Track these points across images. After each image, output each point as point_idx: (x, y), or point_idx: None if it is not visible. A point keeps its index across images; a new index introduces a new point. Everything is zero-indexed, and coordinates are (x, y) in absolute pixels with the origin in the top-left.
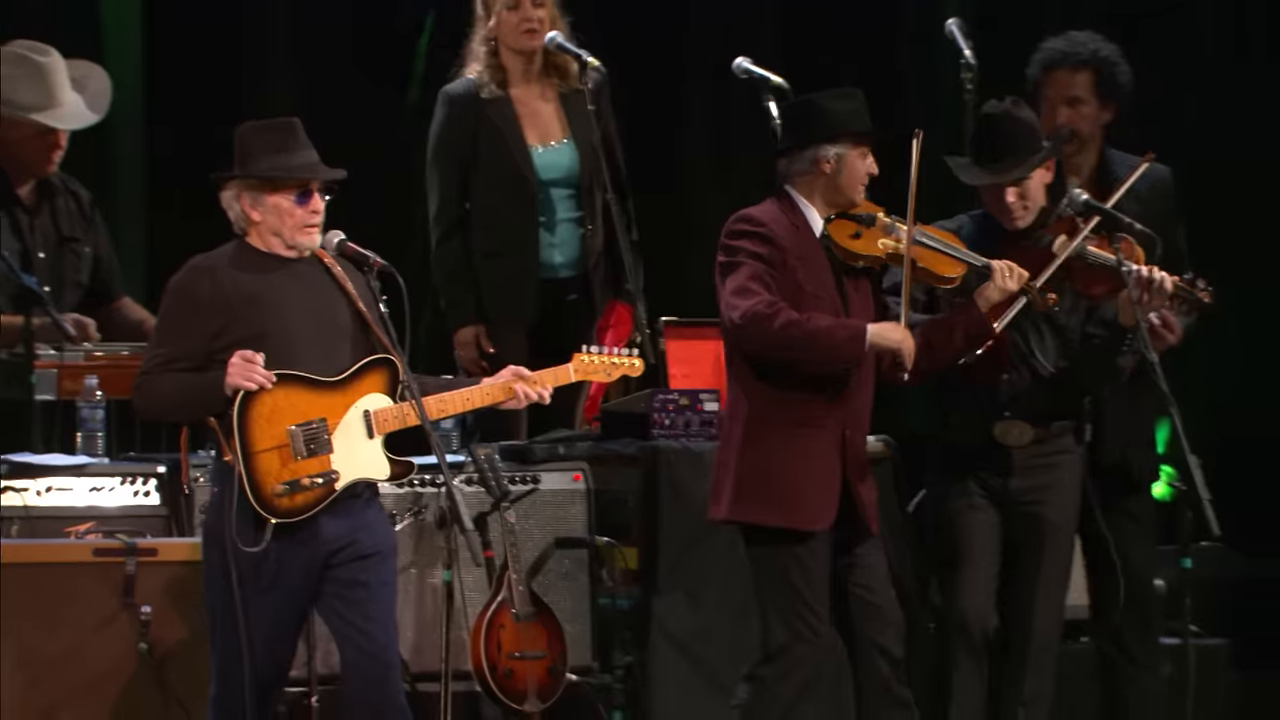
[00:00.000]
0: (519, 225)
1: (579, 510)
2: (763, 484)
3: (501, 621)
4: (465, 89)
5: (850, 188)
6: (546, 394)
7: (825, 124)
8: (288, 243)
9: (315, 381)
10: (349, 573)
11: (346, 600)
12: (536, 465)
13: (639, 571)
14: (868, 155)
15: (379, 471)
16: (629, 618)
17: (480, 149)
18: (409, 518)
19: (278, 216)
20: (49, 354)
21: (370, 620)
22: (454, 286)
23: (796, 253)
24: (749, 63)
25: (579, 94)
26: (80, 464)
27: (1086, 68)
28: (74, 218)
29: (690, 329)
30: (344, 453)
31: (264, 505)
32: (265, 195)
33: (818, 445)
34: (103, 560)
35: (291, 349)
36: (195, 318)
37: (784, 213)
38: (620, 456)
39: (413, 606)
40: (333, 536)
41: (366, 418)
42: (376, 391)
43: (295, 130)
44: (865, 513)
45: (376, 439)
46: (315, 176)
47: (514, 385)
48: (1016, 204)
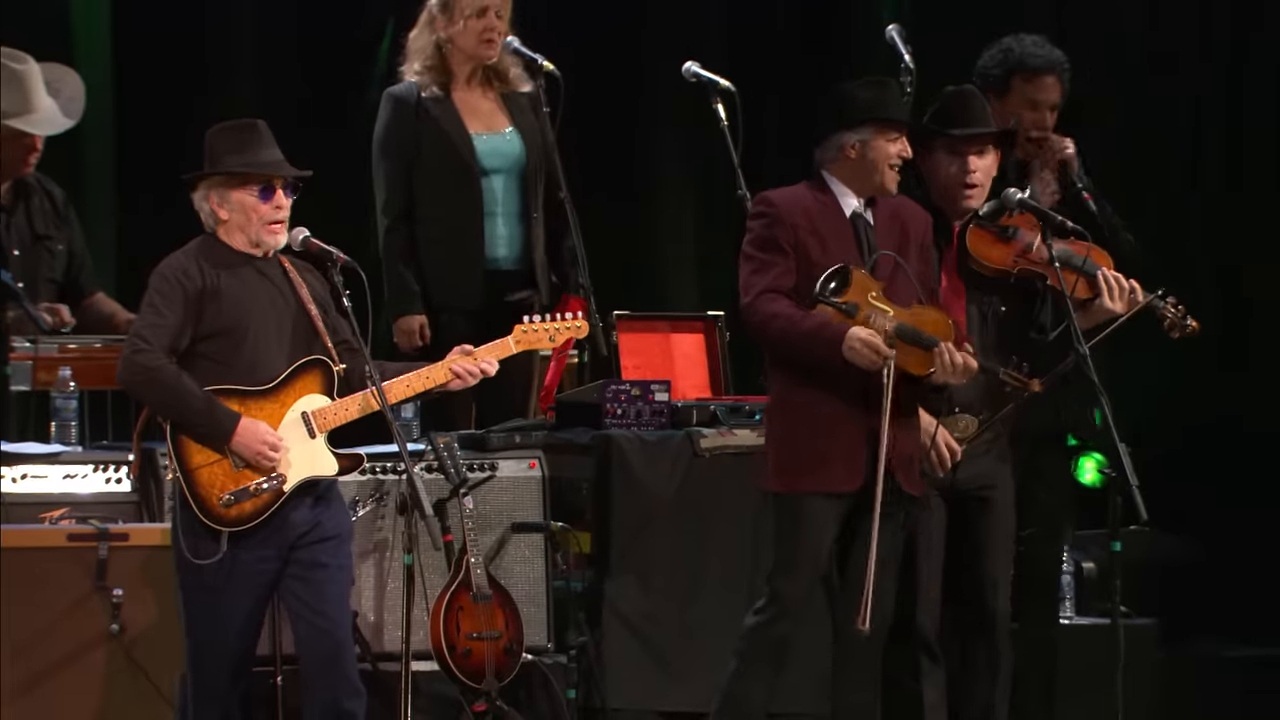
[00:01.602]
0: (462, 214)
1: (534, 496)
2: (780, 447)
3: (460, 603)
4: (407, 89)
5: (877, 172)
6: (491, 368)
7: (850, 111)
8: (253, 240)
9: (247, 392)
10: (310, 554)
11: (306, 581)
12: (494, 453)
13: (592, 555)
14: (896, 140)
15: (326, 468)
16: (582, 599)
17: (424, 143)
18: (371, 503)
19: (244, 213)
20: (24, 346)
21: (326, 601)
22: (398, 275)
23: (812, 228)
24: (698, 66)
25: (519, 96)
26: (54, 452)
27: (1061, 74)
28: (48, 216)
29: (641, 321)
30: (288, 455)
31: (212, 518)
32: (231, 192)
33: (836, 405)
34: (76, 545)
35: (259, 345)
36: (187, 296)
37: (810, 192)
38: (574, 445)
39: (374, 589)
40: (299, 521)
41: (305, 419)
42: (313, 392)
43: (258, 130)
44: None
45: (319, 438)
46: (276, 173)
47: (453, 366)
48: (977, 175)
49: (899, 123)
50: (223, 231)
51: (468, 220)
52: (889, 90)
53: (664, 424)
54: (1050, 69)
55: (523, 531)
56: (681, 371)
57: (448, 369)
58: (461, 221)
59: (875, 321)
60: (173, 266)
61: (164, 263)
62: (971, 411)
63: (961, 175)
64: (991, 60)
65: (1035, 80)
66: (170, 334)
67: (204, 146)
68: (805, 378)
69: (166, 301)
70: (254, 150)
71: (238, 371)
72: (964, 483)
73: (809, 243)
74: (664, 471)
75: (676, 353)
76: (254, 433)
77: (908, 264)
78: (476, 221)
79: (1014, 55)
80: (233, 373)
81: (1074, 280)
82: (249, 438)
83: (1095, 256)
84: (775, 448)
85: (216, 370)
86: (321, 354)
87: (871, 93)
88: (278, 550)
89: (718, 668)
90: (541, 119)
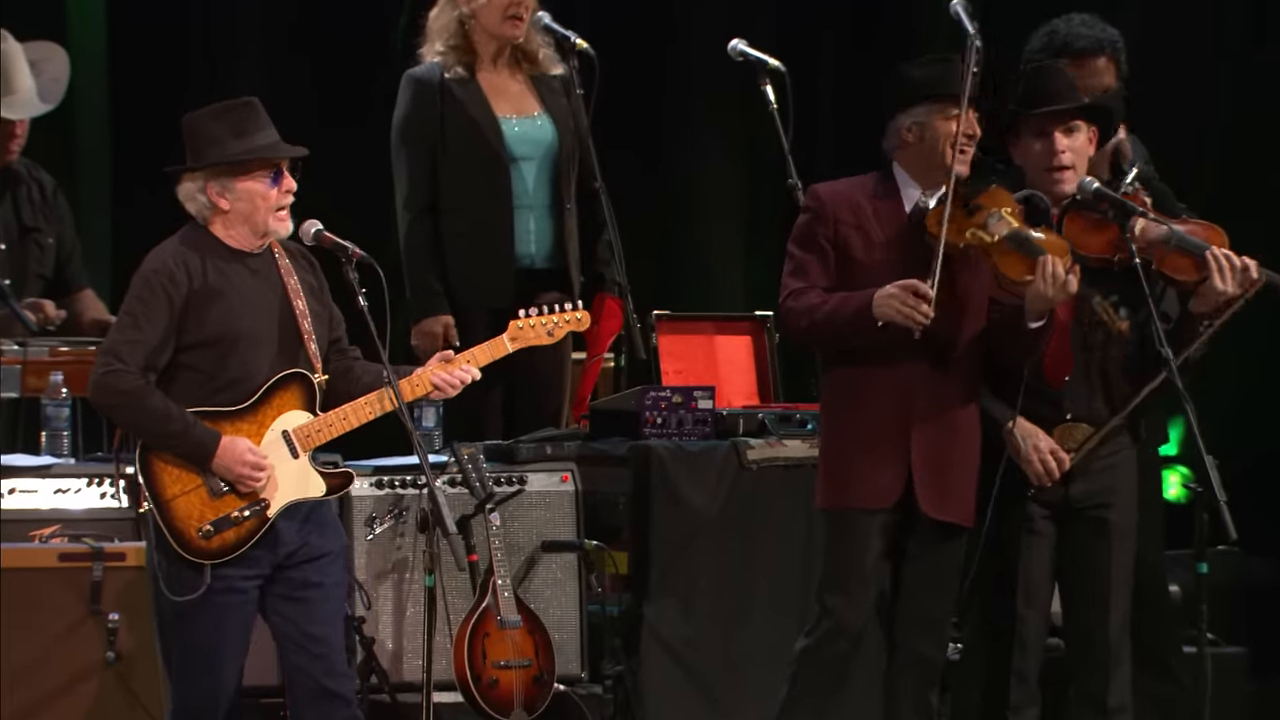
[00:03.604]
0: (491, 206)
1: (567, 512)
2: (828, 464)
3: (486, 629)
4: (429, 71)
5: (937, 154)
6: (468, 375)
7: (903, 91)
8: (260, 230)
9: (222, 412)
10: (301, 574)
11: (296, 601)
12: (522, 465)
13: (629, 576)
14: (956, 118)
15: (313, 489)
16: (619, 625)
17: (448, 129)
18: (389, 520)
19: (250, 202)
20: (12, 349)
21: (319, 623)
22: (422, 274)
23: (857, 223)
24: (744, 44)
25: (550, 79)
26: (45, 465)
27: (1113, 55)
28: (36, 207)
29: (683, 322)
30: (270, 478)
31: (192, 551)
32: (235, 181)
33: (878, 419)
34: (68, 565)
35: (247, 356)
36: (172, 306)
37: (868, 184)
38: (610, 456)
39: (393, 613)
40: (288, 540)
41: (287, 438)
42: (292, 409)
43: (256, 109)
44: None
45: (303, 457)
46: (286, 155)
47: (432, 376)
48: (1066, 156)
49: (957, 97)
50: (218, 224)
51: (496, 213)
52: (947, 66)
53: (708, 434)
54: (1099, 50)
55: (554, 551)
56: (727, 376)
57: (425, 379)
58: (490, 214)
59: (991, 224)
60: (158, 270)
61: (148, 261)
62: (1089, 420)
63: (1049, 158)
64: (1037, 43)
65: (1084, 63)
66: (147, 351)
67: (188, 134)
68: (849, 387)
69: (148, 312)
70: (256, 132)
71: (222, 384)
72: (1078, 499)
73: (851, 238)
74: (708, 485)
75: (721, 356)
76: (235, 452)
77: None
78: (506, 214)
79: (1059, 37)
80: (217, 385)
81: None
82: (230, 458)
83: (1206, 234)
84: (820, 460)
85: (200, 382)
86: (305, 365)
87: (927, 70)
88: (263, 570)
89: (767, 698)
90: (574, 103)
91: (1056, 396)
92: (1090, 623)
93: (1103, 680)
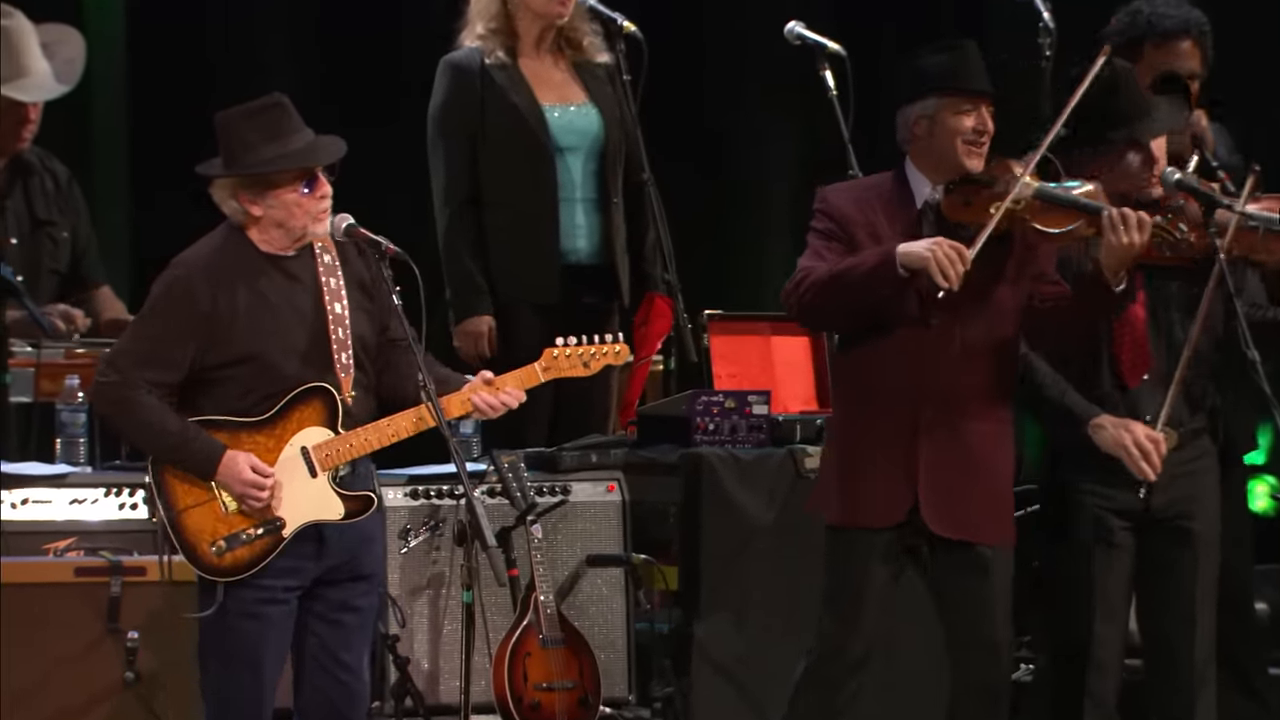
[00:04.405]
0: (536, 198)
1: (613, 524)
2: (828, 472)
3: (527, 648)
4: (469, 56)
5: (948, 151)
6: (513, 400)
7: (911, 82)
8: (295, 236)
9: (239, 424)
10: (341, 594)
11: (332, 624)
12: (566, 474)
13: (679, 592)
14: (970, 113)
15: (330, 511)
16: (668, 643)
17: (489, 117)
18: (424, 533)
19: (285, 210)
20: (25, 351)
21: (351, 650)
22: (464, 271)
23: (865, 221)
24: (802, 27)
25: (594, 66)
26: (60, 473)
27: (1199, 38)
28: (50, 198)
29: (736, 323)
30: (287, 497)
31: (204, 566)
32: (268, 191)
33: (882, 430)
34: (85, 580)
35: (282, 366)
36: (188, 327)
37: (881, 182)
38: (659, 465)
39: (428, 631)
40: (335, 552)
41: (305, 455)
42: (313, 425)
43: (286, 111)
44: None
45: (322, 476)
46: (318, 161)
47: (472, 397)
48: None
49: (968, 92)
50: (254, 229)
51: (541, 206)
52: (959, 54)
53: (762, 440)
54: (1184, 32)
55: (600, 565)
56: (783, 380)
57: (466, 400)
58: (534, 207)
59: (1014, 189)
60: (179, 281)
61: (174, 265)
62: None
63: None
64: (1119, 24)
65: (1168, 46)
66: (147, 363)
67: (220, 135)
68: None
69: (157, 324)
70: (287, 136)
71: (256, 397)
72: (1159, 508)
73: (861, 239)
74: (762, 495)
75: (777, 359)
76: (235, 468)
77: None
78: (551, 207)
79: (1143, 18)
80: (250, 399)
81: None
82: (230, 474)
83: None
84: (821, 470)
85: (235, 394)
86: (331, 379)
87: (938, 59)
88: (303, 582)
89: None
90: (620, 92)
91: (1132, 399)
92: (1173, 641)
93: (1186, 704)
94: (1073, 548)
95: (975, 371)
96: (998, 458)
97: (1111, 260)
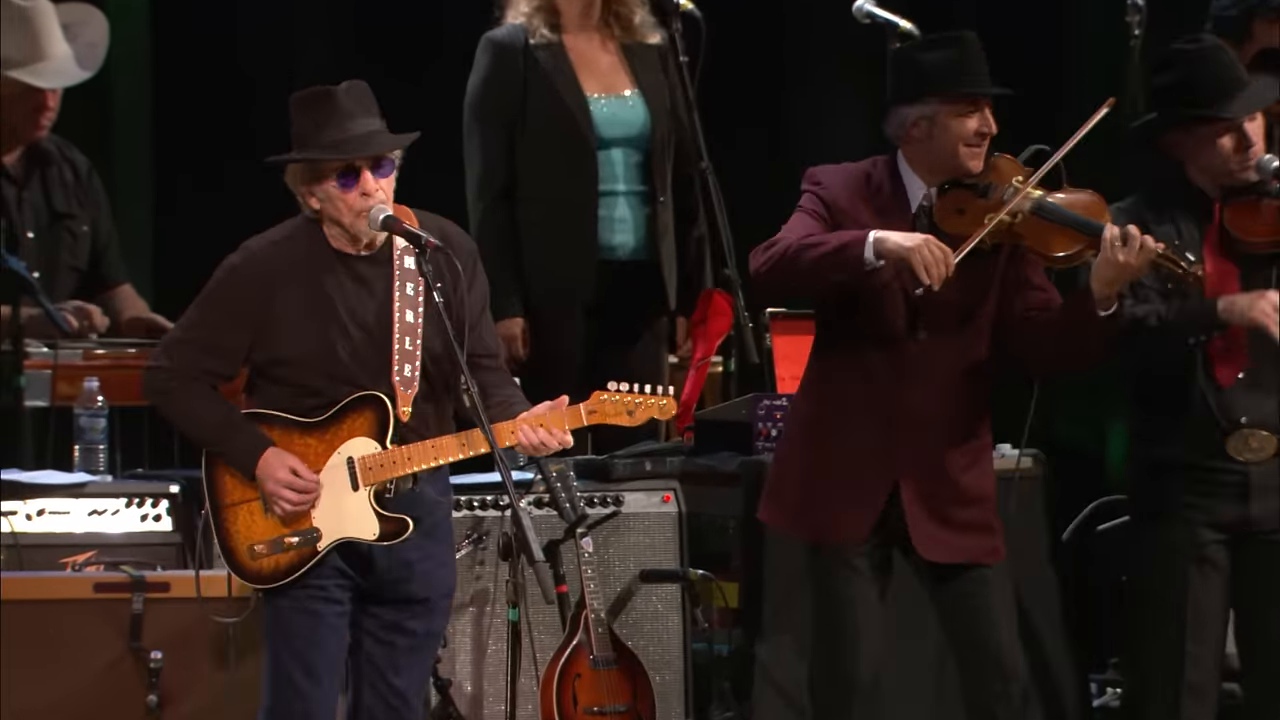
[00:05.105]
0: (575, 192)
1: (669, 537)
2: (786, 482)
3: (577, 670)
4: (511, 34)
5: (948, 154)
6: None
7: (910, 81)
8: (349, 232)
9: (296, 422)
10: (394, 615)
11: (384, 645)
12: (619, 484)
13: (740, 610)
14: (973, 115)
15: (365, 530)
16: (728, 665)
17: (530, 101)
18: (467, 546)
19: (333, 205)
20: (41, 352)
21: (402, 675)
22: (498, 271)
23: (857, 217)
24: (871, 4)
25: (644, 49)
26: (78, 482)
27: None
28: (69, 190)
29: (799, 322)
30: (327, 507)
31: (239, 568)
32: (316, 183)
33: (853, 444)
34: (105, 596)
35: (339, 370)
36: (241, 318)
37: (874, 174)
38: (718, 473)
39: (472, 651)
40: (380, 568)
41: (350, 465)
42: (363, 435)
43: (334, 99)
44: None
45: (363, 490)
46: (353, 153)
47: (521, 428)
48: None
49: (971, 95)
50: (325, 223)
51: (581, 199)
52: (960, 50)
53: None
54: None
55: (655, 581)
56: None
57: (515, 433)
58: (573, 200)
59: (1011, 200)
60: (238, 270)
61: (238, 252)
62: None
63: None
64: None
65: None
66: (198, 352)
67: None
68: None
69: (210, 312)
70: (332, 126)
71: (311, 402)
72: (1258, 520)
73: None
74: None
75: None
76: (273, 466)
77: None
78: (591, 201)
79: None
80: (308, 402)
81: None
82: (266, 470)
83: None
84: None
85: (290, 394)
86: (387, 389)
87: (939, 55)
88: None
89: None
90: (672, 78)
91: (1226, 400)
92: (1276, 666)
93: None
94: (1163, 562)
95: (954, 386)
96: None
97: (1102, 278)
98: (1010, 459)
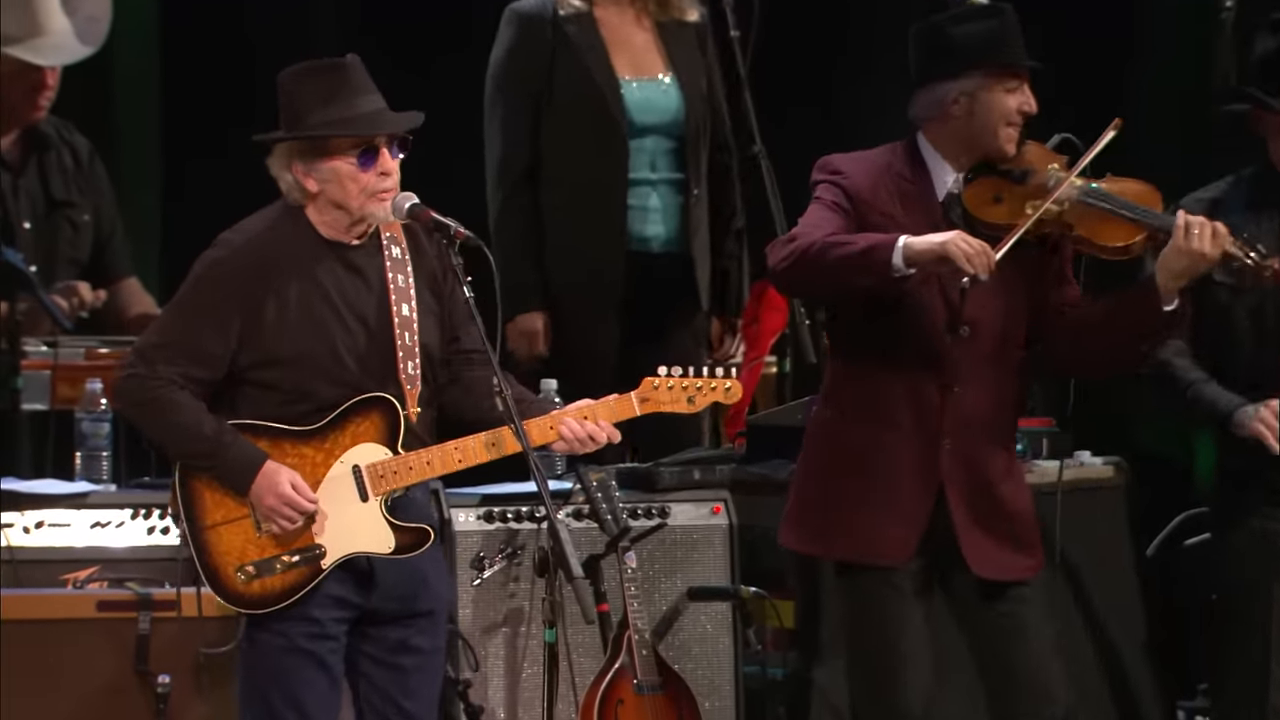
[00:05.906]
0: (603, 179)
1: (719, 552)
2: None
3: (620, 695)
4: (540, 6)
5: (988, 134)
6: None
7: (949, 55)
8: (355, 215)
9: (287, 431)
10: (398, 634)
11: (389, 668)
12: (664, 494)
13: (796, 631)
14: (1015, 91)
15: (379, 544)
16: (783, 689)
17: (556, 80)
18: (501, 561)
19: (340, 185)
20: (39, 351)
21: (414, 698)
22: (518, 259)
23: (882, 209)
24: None
25: (682, 27)
26: (80, 492)
27: None
28: (69, 176)
29: None
30: (330, 521)
31: (226, 594)
32: (320, 160)
33: (894, 453)
34: (109, 616)
35: (336, 371)
36: (227, 317)
37: (894, 162)
38: (771, 483)
39: (505, 675)
40: (385, 584)
41: (357, 474)
42: (370, 441)
43: (349, 71)
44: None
45: (373, 501)
46: (379, 130)
47: (561, 426)
48: None
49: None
50: (311, 208)
51: (609, 185)
52: (1003, 22)
53: None
54: None
55: (703, 599)
56: None
57: (555, 427)
58: (601, 186)
59: (1057, 187)
60: (222, 264)
61: (218, 245)
62: None
63: None
64: None
65: None
66: (183, 356)
67: (280, 96)
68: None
69: (195, 312)
70: (345, 101)
71: (303, 408)
72: None
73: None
74: None
75: None
76: (271, 481)
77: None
78: (620, 187)
79: None
80: (297, 408)
81: None
82: (264, 487)
83: None
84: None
85: (276, 400)
86: (394, 389)
87: (978, 27)
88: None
89: None
90: (710, 58)
91: None
92: None
93: None
94: (1245, 580)
95: (996, 386)
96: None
97: (1171, 270)
98: (1091, 467)
